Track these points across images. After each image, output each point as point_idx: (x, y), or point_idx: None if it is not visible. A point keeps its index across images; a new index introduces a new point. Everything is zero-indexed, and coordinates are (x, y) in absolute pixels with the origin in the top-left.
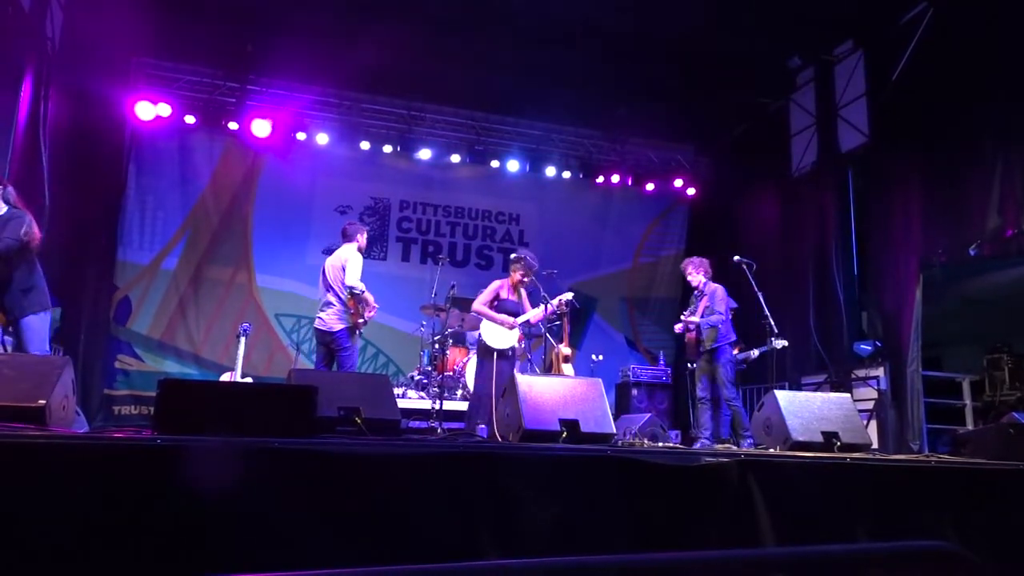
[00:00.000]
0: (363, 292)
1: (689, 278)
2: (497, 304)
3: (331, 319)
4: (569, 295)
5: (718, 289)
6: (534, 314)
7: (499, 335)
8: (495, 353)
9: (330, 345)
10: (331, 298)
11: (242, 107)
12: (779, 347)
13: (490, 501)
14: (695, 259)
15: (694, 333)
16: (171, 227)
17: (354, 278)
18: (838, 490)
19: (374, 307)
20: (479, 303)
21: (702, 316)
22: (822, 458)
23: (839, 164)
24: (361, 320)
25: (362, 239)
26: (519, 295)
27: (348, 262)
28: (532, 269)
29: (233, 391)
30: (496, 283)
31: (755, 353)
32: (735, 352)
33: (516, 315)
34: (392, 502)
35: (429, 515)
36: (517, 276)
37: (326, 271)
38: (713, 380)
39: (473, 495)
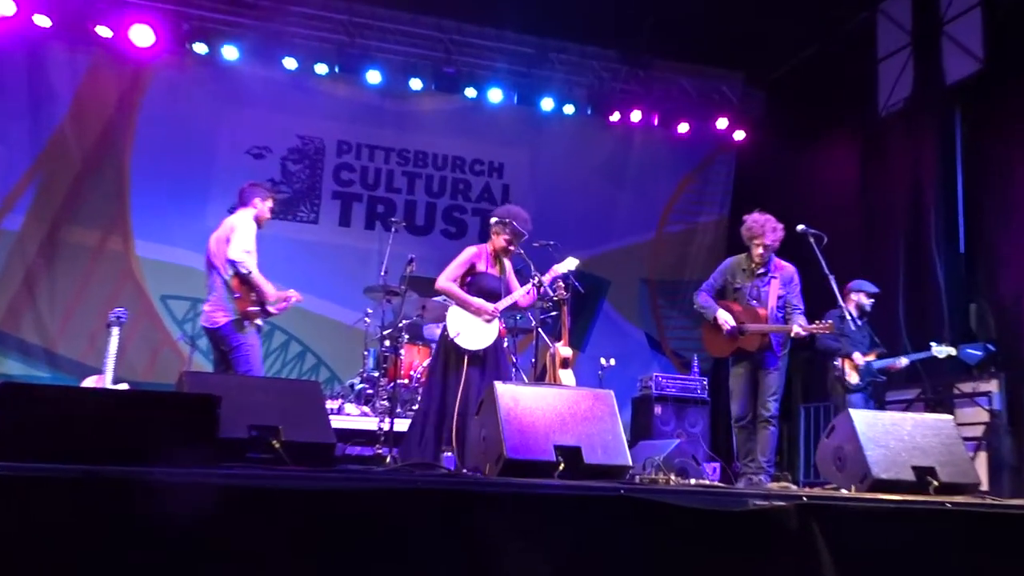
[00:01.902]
0: (250, 272)
1: (760, 249)
2: (471, 281)
3: (213, 311)
4: (572, 263)
5: (796, 273)
6: (520, 295)
7: (472, 327)
8: (466, 356)
9: (219, 346)
10: (215, 282)
11: (117, 5)
12: (942, 356)
13: (459, 555)
14: (771, 219)
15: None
16: (14, 172)
17: (238, 248)
18: (935, 546)
19: (288, 298)
20: (446, 279)
21: (782, 311)
22: (913, 503)
23: (943, 100)
24: (253, 308)
25: (263, 205)
26: (502, 269)
27: (235, 230)
28: (522, 233)
29: (100, 401)
30: (471, 250)
31: (904, 361)
32: (872, 358)
33: (497, 298)
34: (321, 555)
35: (374, 573)
36: (501, 242)
37: (209, 246)
38: (755, 392)
39: (435, 547)
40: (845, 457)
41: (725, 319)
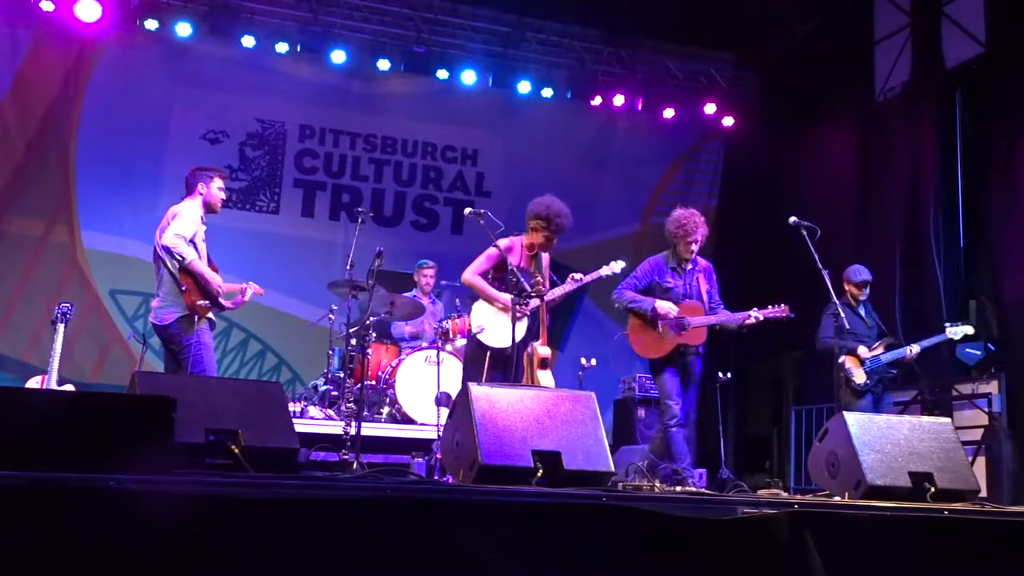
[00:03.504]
0: (185, 259)
1: (693, 245)
2: (501, 277)
3: (160, 307)
4: (619, 265)
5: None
6: (554, 294)
7: (498, 324)
8: (488, 354)
9: (169, 345)
10: (162, 275)
11: None
12: (958, 337)
13: (431, 569)
14: (695, 212)
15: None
16: None
17: (171, 234)
18: (932, 556)
19: (244, 289)
20: (472, 271)
21: (712, 305)
22: (910, 510)
23: (943, 84)
24: (202, 303)
25: (210, 188)
26: (537, 265)
27: (176, 217)
28: (560, 228)
29: (47, 404)
30: (502, 243)
31: (915, 349)
32: (881, 349)
33: (529, 295)
34: (283, 568)
35: None
36: (538, 238)
37: (155, 238)
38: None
39: (405, 560)
40: (838, 462)
41: (667, 308)
